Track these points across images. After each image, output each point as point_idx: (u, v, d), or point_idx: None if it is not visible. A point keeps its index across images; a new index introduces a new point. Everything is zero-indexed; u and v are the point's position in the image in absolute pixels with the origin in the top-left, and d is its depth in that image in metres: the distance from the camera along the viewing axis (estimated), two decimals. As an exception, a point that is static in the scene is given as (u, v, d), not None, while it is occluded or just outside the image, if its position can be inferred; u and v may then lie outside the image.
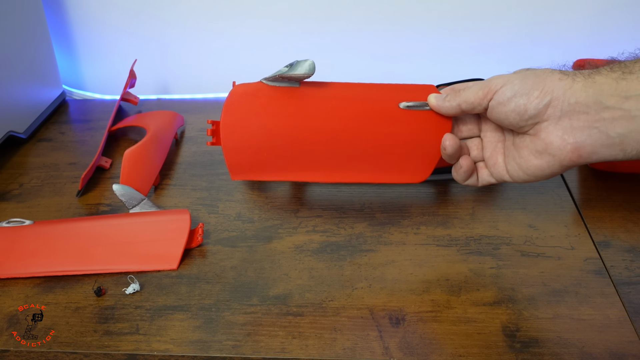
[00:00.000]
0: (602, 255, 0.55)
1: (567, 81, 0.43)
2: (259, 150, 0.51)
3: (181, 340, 0.47)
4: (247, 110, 0.51)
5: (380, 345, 0.46)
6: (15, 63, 0.75)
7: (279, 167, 0.51)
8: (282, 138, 0.51)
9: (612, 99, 0.41)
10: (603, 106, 0.41)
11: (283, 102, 0.51)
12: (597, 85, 0.42)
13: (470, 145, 0.52)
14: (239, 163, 0.51)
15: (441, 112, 0.50)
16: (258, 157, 0.51)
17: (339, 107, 0.51)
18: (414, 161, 0.52)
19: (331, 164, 0.52)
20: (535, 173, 0.46)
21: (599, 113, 0.42)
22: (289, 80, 0.51)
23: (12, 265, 0.55)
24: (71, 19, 0.86)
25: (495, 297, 0.50)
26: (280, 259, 0.55)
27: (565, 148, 0.43)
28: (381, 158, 0.52)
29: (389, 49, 0.84)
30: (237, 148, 0.51)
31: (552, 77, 0.44)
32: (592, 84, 0.42)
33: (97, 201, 0.65)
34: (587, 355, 0.45)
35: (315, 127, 0.51)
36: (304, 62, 0.49)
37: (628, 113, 0.40)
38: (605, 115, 0.41)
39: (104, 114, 0.83)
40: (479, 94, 0.47)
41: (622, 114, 0.41)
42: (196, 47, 0.86)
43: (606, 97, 0.41)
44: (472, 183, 0.51)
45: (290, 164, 0.51)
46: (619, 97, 0.41)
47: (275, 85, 0.51)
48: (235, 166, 0.51)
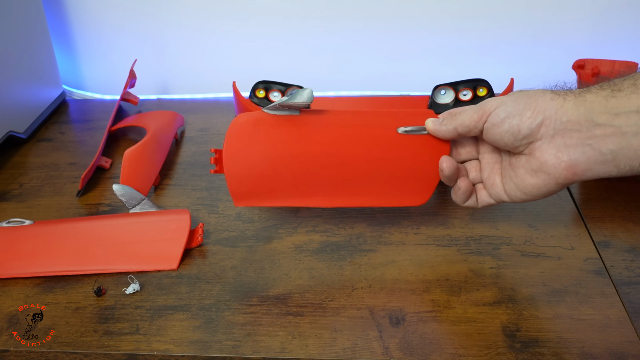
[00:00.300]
0: (602, 255, 0.55)
1: (559, 100, 0.44)
2: (261, 177, 0.52)
3: (181, 340, 0.47)
4: (249, 139, 0.52)
5: (380, 345, 0.46)
6: (15, 63, 0.75)
7: (281, 193, 0.52)
8: (284, 165, 0.52)
9: (602, 116, 0.42)
10: (594, 123, 0.42)
11: (284, 130, 0.52)
12: (587, 104, 0.43)
13: (468, 167, 0.53)
14: (242, 190, 0.52)
15: (438, 136, 0.51)
16: (260, 185, 0.52)
17: (338, 133, 0.52)
18: (414, 185, 0.53)
19: (332, 189, 0.53)
20: (532, 192, 0.47)
21: (591, 130, 0.42)
22: (289, 108, 0.52)
23: (12, 265, 0.55)
24: (71, 19, 0.86)
25: (495, 297, 0.50)
26: (280, 259, 0.55)
27: (560, 166, 0.44)
28: (382, 183, 0.53)
29: (389, 49, 0.84)
30: (239, 176, 0.52)
31: (544, 97, 0.44)
32: (583, 102, 0.43)
33: (97, 201, 0.65)
34: (587, 355, 0.45)
35: (316, 154, 0.52)
36: (303, 90, 0.50)
37: (619, 130, 0.41)
38: (597, 132, 0.42)
39: (104, 114, 0.83)
40: (474, 117, 0.48)
41: (613, 130, 0.41)
42: (196, 47, 0.86)
43: (597, 114, 0.42)
44: (471, 204, 0.52)
45: (292, 190, 0.52)
46: (609, 114, 0.41)
47: (276, 114, 0.52)
48: (238, 193, 0.52)
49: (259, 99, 0.66)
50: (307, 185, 0.52)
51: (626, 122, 0.41)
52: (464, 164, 0.53)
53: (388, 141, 0.52)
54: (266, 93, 0.66)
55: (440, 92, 0.64)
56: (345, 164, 0.52)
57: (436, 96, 0.64)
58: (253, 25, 0.84)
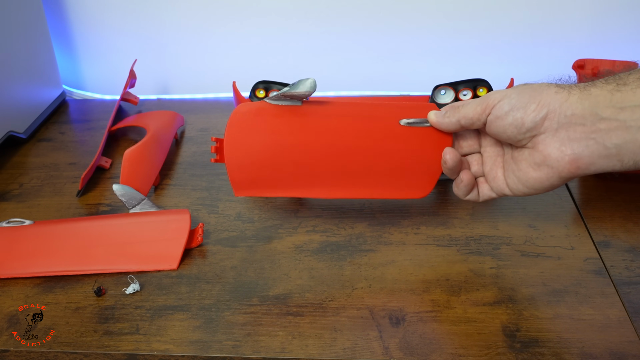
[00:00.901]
0: (602, 255, 0.55)
1: (563, 94, 0.44)
2: (262, 167, 0.51)
3: (181, 340, 0.47)
4: (251, 128, 0.51)
5: (380, 345, 0.46)
6: (15, 63, 0.75)
7: (282, 183, 0.52)
8: (285, 155, 0.51)
9: (607, 110, 0.41)
10: (599, 117, 0.42)
11: (285, 120, 0.51)
12: (592, 97, 0.42)
13: (470, 160, 0.52)
14: (243, 180, 0.52)
15: (441, 128, 0.51)
16: (261, 174, 0.52)
17: (340, 124, 0.52)
18: (415, 177, 0.52)
19: (334, 180, 0.52)
20: (535, 185, 0.47)
21: (595, 124, 0.42)
22: (292, 98, 0.51)
23: (12, 265, 0.55)
24: (71, 19, 0.86)
25: (495, 297, 0.50)
26: (280, 259, 0.55)
27: (563, 159, 0.44)
28: (383, 174, 0.52)
29: (389, 49, 0.84)
30: (240, 165, 0.52)
31: (549, 91, 0.44)
32: (588, 96, 0.43)
33: (97, 201, 0.65)
34: (587, 355, 0.45)
35: (318, 145, 0.51)
36: (306, 80, 0.49)
37: (623, 124, 0.41)
38: (602, 127, 0.42)
39: (104, 114, 0.83)
40: (478, 110, 0.47)
41: (618, 124, 0.41)
42: (196, 47, 0.86)
43: (602, 108, 0.42)
44: (473, 198, 0.52)
45: (293, 180, 0.52)
46: (614, 108, 0.41)
47: (278, 104, 0.52)
48: (238, 183, 0.52)
49: (259, 99, 0.66)
50: (308, 176, 0.52)
51: (631, 116, 0.41)
52: (465, 157, 0.53)
53: (390, 133, 0.52)
54: (266, 93, 0.66)
55: (440, 92, 0.64)
56: (347, 154, 0.52)
57: (436, 96, 0.64)
58: (253, 25, 0.84)
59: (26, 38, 0.77)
